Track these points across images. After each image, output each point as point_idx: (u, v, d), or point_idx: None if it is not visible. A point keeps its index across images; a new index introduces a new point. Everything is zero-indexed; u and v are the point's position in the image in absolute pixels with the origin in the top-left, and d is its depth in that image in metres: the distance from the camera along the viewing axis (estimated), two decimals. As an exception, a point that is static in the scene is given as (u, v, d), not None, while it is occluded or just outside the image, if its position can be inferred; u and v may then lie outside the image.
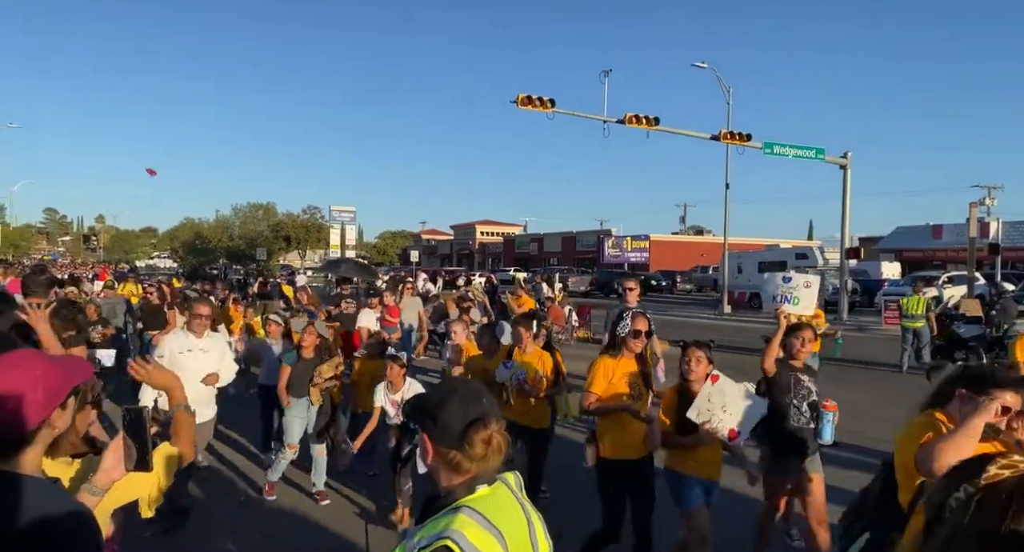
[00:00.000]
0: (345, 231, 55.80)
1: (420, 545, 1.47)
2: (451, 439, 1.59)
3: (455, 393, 1.67)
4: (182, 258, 60.54)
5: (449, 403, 1.62)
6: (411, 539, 1.52)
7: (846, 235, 23.36)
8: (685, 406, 3.93)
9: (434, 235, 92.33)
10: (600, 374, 4.16)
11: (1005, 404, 2.27)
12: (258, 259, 49.15)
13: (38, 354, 1.66)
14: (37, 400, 1.49)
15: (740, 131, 21.34)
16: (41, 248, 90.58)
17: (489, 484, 1.61)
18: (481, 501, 1.56)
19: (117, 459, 1.84)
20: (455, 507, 1.54)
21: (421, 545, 1.47)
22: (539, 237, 68.50)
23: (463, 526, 1.47)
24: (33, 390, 1.49)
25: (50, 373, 1.55)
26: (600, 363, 4.22)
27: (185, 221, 66.08)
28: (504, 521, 1.55)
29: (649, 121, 20.04)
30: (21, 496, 1.45)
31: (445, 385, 1.79)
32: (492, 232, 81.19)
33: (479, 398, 1.67)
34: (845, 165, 22.59)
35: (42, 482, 1.54)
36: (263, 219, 56.55)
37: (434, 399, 1.66)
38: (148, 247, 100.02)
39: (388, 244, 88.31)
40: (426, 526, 1.53)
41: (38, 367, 1.55)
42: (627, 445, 4.03)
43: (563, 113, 19.52)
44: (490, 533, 1.50)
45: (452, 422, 1.60)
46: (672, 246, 54.55)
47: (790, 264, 27.78)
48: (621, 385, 4.10)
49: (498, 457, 1.63)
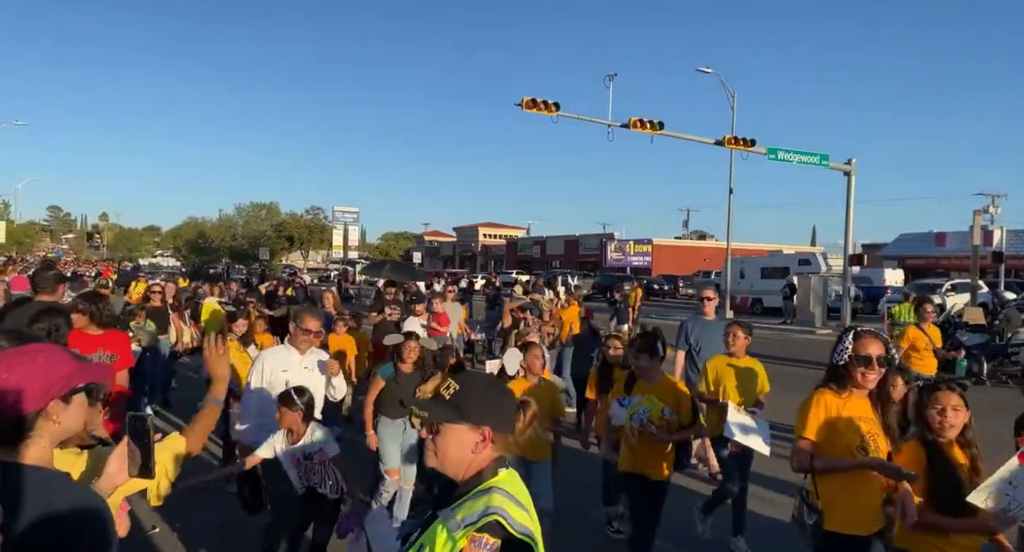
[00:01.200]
0: (348, 232, 56.00)
1: (467, 522, 1.56)
2: (508, 424, 1.74)
3: (493, 383, 1.88)
4: (185, 257, 60.72)
5: (499, 393, 1.80)
6: (451, 519, 1.59)
7: (849, 241, 23.35)
8: (940, 473, 2.89)
9: (437, 237, 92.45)
10: (817, 415, 3.05)
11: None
12: (261, 259, 49.27)
13: (46, 349, 1.69)
14: (32, 390, 1.52)
15: (744, 136, 21.37)
16: (45, 245, 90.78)
17: (506, 468, 1.74)
18: (506, 482, 1.69)
19: (122, 464, 1.87)
20: (486, 488, 1.65)
21: (468, 522, 1.56)
22: (542, 240, 68.54)
23: (503, 504, 1.59)
24: (30, 381, 1.53)
25: (52, 367, 1.58)
26: (818, 399, 3.09)
27: (188, 220, 66.38)
28: (524, 498, 1.70)
29: (653, 125, 20.07)
30: (29, 486, 1.47)
31: (473, 378, 1.87)
32: (495, 234, 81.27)
33: (504, 386, 1.90)
34: (849, 172, 22.60)
35: (51, 473, 1.57)
36: (266, 219, 56.75)
37: (494, 394, 1.79)
38: (151, 245, 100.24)
39: (391, 245, 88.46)
40: (463, 506, 1.62)
41: (40, 360, 1.59)
42: (862, 517, 3.02)
43: (567, 117, 19.58)
44: (522, 509, 1.63)
45: (512, 409, 1.77)
46: (675, 250, 54.54)
47: (793, 270, 27.78)
48: (849, 434, 3.01)
49: (533, 432, 1.83)
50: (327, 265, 52.89)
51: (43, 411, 1.55)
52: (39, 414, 1.54)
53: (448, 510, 1.63)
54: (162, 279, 15.01)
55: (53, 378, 1.57)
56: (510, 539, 1.54)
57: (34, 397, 1.53)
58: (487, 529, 1.53)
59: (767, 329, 21.33)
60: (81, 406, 1.65)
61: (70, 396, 1.60)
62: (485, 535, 1.52)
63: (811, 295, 23.42)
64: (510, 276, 44.24)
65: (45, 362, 1.59)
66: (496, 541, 1.52)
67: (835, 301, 24.19)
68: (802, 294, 23.86)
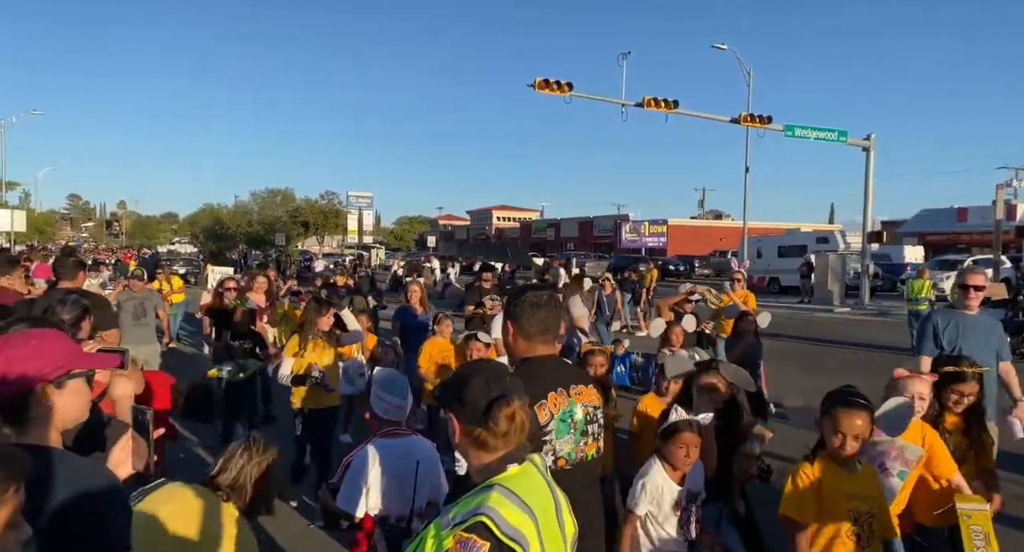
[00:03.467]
0: (362, 216, 56.11)
1: (455, 521, 1.49)
2: (476, 417, 1.62)
3: (480, 372, 1.70)
4: (202, 244, 61.20)
5: (473, 381, 1.66)
6: (444, 516, 1.55)
7: (868, 218, 23.03)
8: None
9: (451, 220, 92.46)
10: None
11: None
12: (277, 244, 49.60)
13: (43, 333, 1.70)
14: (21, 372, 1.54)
15: (760, 114, 21.08)
16: (65, 234, 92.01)
17: (519, 463, 1.65)
18: (512, 479, 1.60)
19: (125, 456, 1.87)
20: (488, 485, 1.58)
21: (456, 521, 1.49)
22: (556, 222, 68.31)
23: (497, 503, 1.50)
24: (20, 363, 1.55)
25: (44, 351, 1.59)
26: None
27: (205, 207, 66.83)
28: (534, 499, 1.59)
29: (668, 104, 19.82)
30: (51, 467, 1.49)
31: (470, 365, 1.82)
32: (509, 217, 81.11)
33: (503, 376, 1.71)
34: (868, 147, 22.22)
35: (69, 455, 1.59)
36: (281, 204, 56.95)
37: (459, 379, 1.70)
38: (169, 233, 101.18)
39: (405, 229, 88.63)
40: (459, 503, 1.56)
41: (33, 343, 1.60)
42: None
43: (581, 97, 19.38)
44: (522, 511, 1.53)
45: (477, 400, 1.63)
46: (690, 230, 54.11)
47: (811, 248, 27.47)
48: None
49: (522, 434, 1.66)
50: (342, 250, 53.06)
51: (34, 393, 1.55)
52: (30, 395, 1.55)
53: (447, 506, 1.60)
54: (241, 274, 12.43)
55: (43, 361, 1.57)
56: (498, 543, 1.44)
57: (22, 379, 1.54)
58: (474, 530, 1.44)
59: (784, 308, 21.17)
60: (78, 392, 1.65)
61: (63, 381, 1.60)
62: (473, 536, 1.43)
63: (829, 273, 23.19)
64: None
65: (37, 345, 1.60)
66: (485, 544, 1.42)
67: (854, 279, 23.92)
68: (820, 272, 23.62)
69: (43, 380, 1.57)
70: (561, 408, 2.28)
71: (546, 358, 2.39)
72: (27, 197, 71.59)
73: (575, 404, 2.31)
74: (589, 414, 2.35)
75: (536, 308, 2.38)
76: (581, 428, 2.32)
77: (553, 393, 2.28)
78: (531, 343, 2.38)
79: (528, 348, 2.39)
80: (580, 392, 2.35)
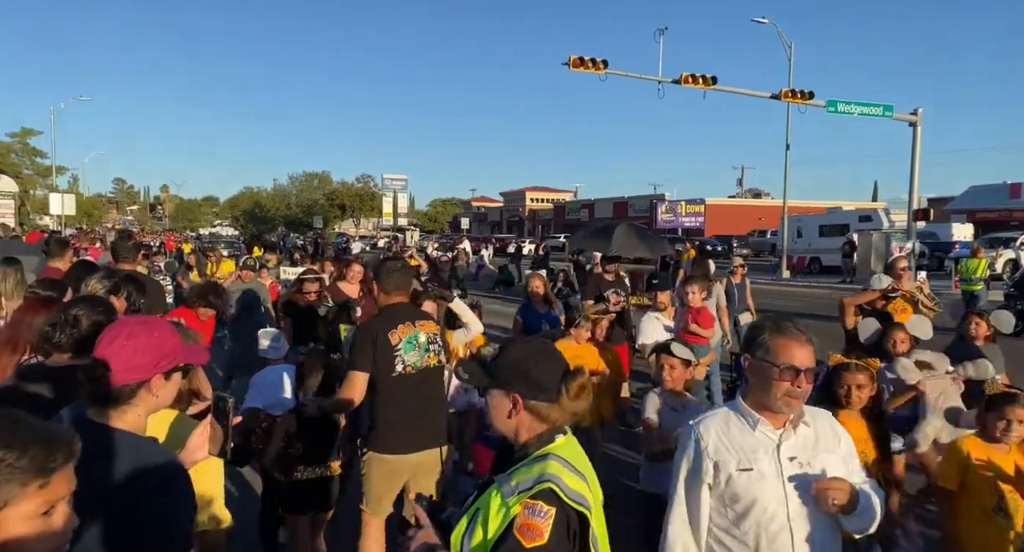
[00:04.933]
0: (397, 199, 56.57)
1: (520, 489, 1.55)
2: (545, 392, 1.66)
3: (538, 350, 1.76)
4: (243, 226, 62.49)
5: (534, 359, 1.71)
6: (505, 485, 1.59)
7: (914, 196, 22.30)
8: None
9: (484, 202, 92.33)
10: None
11: None
12: (315, 227, 50.37)
13: (160, 324, 1.77)
14: (143, 361, 1.60)
15: (802, 89, 20.47)
16: (112, 217, 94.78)
17: (564, 434, 1.71)
18: (563, 448, 1.67)
19: (203, 441, 1.94)
20: (542, 455, 1.63)
21: (521, 489, 1.55)
22: (590, 203, 67.68)
23: (558, 471, 1.57)
24: (144, 352, 1.61)
25: (164, 342, 1.66)
26: None
27: (244, 190, 68.21)
28: (583, 466, 1.67)
29: (706, 80, 19.38)
30: (122, 448, 1.57)
31: (520, 344, 1.85)
32: (542, 198, 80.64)
33: (555, 352, 1.79)
34: (915, 122, 21.44)
35: (142, 438, 1.66)
36: (318, 188, 57.76)
37: (517, 358, 1.73)
38: (210, 215, 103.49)
39: (439, 211, 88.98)
40: (517, 472, 1.61)
41: (156, 334, 1.66)
42: None
43: (616, 74, 19.06)
44: (578, 476, 1.60)
45: (547, 376, 1.68)
46: (728, 210, 53.16)
47: (853, 227, 26.78)
48: None
49: (587, 402, 1.73)
50: (377, 233, 53.64)
51: (147, 383, 1.62)
52: (143, 384, 1.62)
53: (504, 475, 1.64)
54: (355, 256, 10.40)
55: (162, 353, 1.64)
56: (564, 507, 1.53)
57: (143, 368, 1.61)
58: (541, 497, 1.52)
59: (825, 288, 20.76)
60: (176, 383, 1.74)
61: (171, 373, 1.68)
62: (539, 502, 1.51)
63: (872, 253, 22.57)
64: (558, 240, 44.05)
65: (159, 337, 1.66)
66: (551, 509, 1.51)
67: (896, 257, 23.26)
68: (862, 252, 23.02)
69: (160, 371, 1.64)
70: (408, 334, 3.42)
71: (399, 304, 3.54)
72: (75, 181, 73.94)
73: (419, 332, 3.46)
74: (430, 338, 3.51)
75: (392, 272, 3.55)
76: (424, 347, 3.46)
77: (402, 325, 3.42)
78: (389, 295, 3.52)
79: (387, 299, 3.52)
80: (423, 325, 3.52)
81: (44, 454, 1.14)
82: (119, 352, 1.59)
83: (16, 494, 1.11)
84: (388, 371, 3.32)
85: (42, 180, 49.17)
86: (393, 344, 3.33)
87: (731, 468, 2.03)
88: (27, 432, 1.15)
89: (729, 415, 2.14)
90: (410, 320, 3.45)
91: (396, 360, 3.32)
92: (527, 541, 1.48)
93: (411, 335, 3.40)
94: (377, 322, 3.45)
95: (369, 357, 3.27)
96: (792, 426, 2.04)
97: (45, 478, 1.13)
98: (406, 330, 3.40)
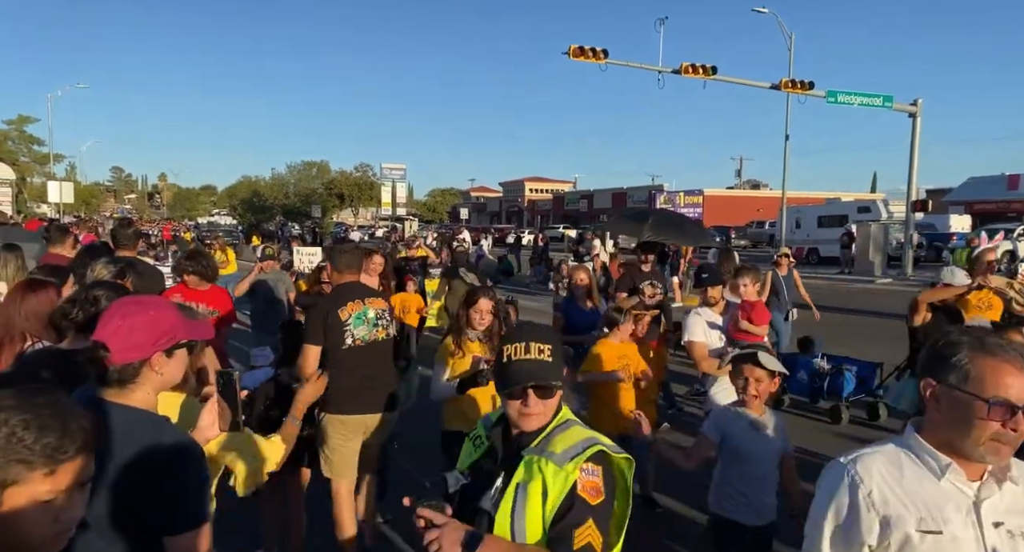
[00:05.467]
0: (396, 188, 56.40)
1: (573, 454, 1.63)
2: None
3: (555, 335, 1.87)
4: (241, 215, 62.31)
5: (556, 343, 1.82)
6: (550, 455, 1.64)
7: (913, 187, 22.31)
8: None
9: (483, 192, 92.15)
10: None
11: None
12: (313, 216, 50.23)
13: (157, 302, 1.79)
14: (141, 340, 1.62)
15: (802, 79, 20.42)
16: (110, 206, 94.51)
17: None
18: (568, 414, 1.79)
19: (213, 419, 1.98)
20: (562, 422, 1.74)
21: (574, 453, 1.63)
22: (589, 193, 67.58)
23: (591, 433, 1.71)
24: (141, 331, 1.62)
25: (161, 320, 1.67)
26: None
27: (243, 179, 67.80)
28: None
29: (706, 70, 19.33)
30: (132, 426, 1.59)
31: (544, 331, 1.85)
32: (541, 189, 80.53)
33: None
34: (915, 113, 21.41)
35: (153, 415, 1.68)
36: (317, 177, 57.53)
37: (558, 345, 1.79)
38: (208, 204, 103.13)
39: (438, 201, 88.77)
40: (554, 441, 1.67)
41: (152, 313, 1.68)
42: None
43: (616, 64, 18.99)
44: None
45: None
46: (727, 201, 53.10)
47: (851, 218, 26.80)
48: None
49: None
50: (376, 222, 53.51)
51: (148, 361, 1.64)
52: (144, 363, 1.64)
53: (538, 448, 1.67)
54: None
55: (160, 331, 1.65)
56: (610, 462, 1.66)
57: (142, 347, 1.63)
58: (595, 459, 1.63)
59: (823, 279, 20.79)
60: (182, 360, 1.74)
61: (173, 350, 1.69)
62: (591, 463, 1.63)
63: (871, 244, 22.63)
64: (557, 231, 43.99)
65: (156, 315, 1.68)
66: (599, 468, 1.63)
67: (896, 249, 23.32)
68: (861, 242, 23.06)
69: (159, 349, 1.66)
70: (357, 310, 3.72)
71: (349, 283, 3.85)
72: (73, 169, 73.68)
73: (368, 308, 3.77)
74: (379, 313, 3.81)
75: (343, 253, 3.94)
76: (373, 322, 3.76)
77: (351, 302, 3.72)
78: (341, 275, 3.87)
79: (340, 278, 3.87)
80: (372, 302, 3.81)
81: (58, 443, 1.14)
82: (116, 332, 1.61)
83: (23, 476, 1.12)
84: (339, 344, 3.65)
85: (39, 168, 49.00)
86: (343, 320, 3.66)
87: (908, 527, 1.51)
88: (51, 417, 1.16)
89: (900, 455, 1.61)
90: (359, 298, 3.76)
91: (346, 334, 3.65)
92: (592, 499, 1.59)
93: (360, 311, 3.73)
94: (329, 300, 3.79)
95: (320, 332, 3.60)
96: (996, 480, 1.52)
97: (53, 466, 1.14)
98: (355, 307, 3.72)
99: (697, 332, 4.50)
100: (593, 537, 1.58)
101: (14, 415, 1.13)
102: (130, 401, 1.64)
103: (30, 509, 1.13)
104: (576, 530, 1.57)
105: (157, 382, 1.68)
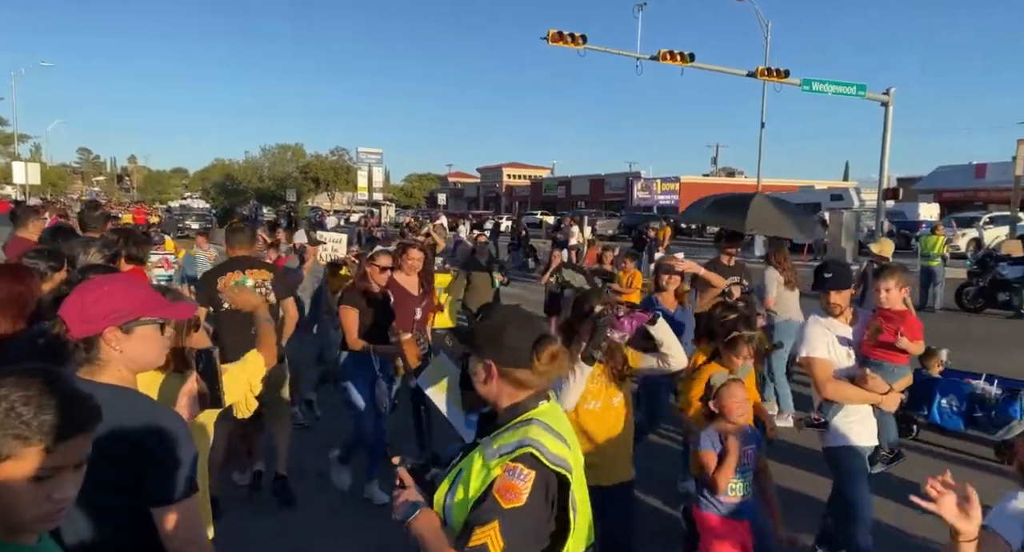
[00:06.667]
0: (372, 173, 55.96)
1: (501, 452, 1.61)
2: (518, 359, 1.70)
3: (514, 317, 1.80)
4: (214, 199, 61.36)
5: (511, 326, 1.75)
6: (488, 448, 1.65)
7: (885, 175, 22.69)
8: None
9: (461, 178, 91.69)
10: None
11: None
12: (288, 200, 49.65)
13: (114, 279, 1.77)
14: (90, 315, 1.62)
15: (778, 68, 20.58)
16: (77, 188, 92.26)
17: (547, 400, 1.77)
18: (545, 414, 1.73)
19: (190, 400, 1.98)
20: (525, 420, 1.69)
21: (503, 452, 1.61)
22: (566, 180, 67.66)
23: (539, 435, 1.63)
24: (92, 306, 1.63)
25: (113, 297, 1.66)
26: None
27: (215, 162, 66.83)
28: (564, 430, 1.73)
29: (684, 57, 19.38)
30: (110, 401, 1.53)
31: (499, 311, 1.89)
32: (519, 175, 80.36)
33: (533, 320, 1.82)
34: (887, 102, 21.74)
35: (129, 392, 1.68)
36: (291, 160, 56.82)
37: (493, 326, 1.78)
38: (180, 187, 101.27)
39: (415, 186, 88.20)
40: (500, 437, 1.67)
41: (106, 288, 1.68)
42: None
43: (595, 49, 18.97)
44: (560, 441, 1.67)
45: (518, 343, 1.72)
46: (703, 188, 53.37)
47: (824, 206, 27.25)
48: None
49: (560, 371, 1.78)
50: (351, 207, 53.03)
51: (101, 336, 1.63)
52: (98, 338, 1.63)
53: (488, 439, 1.69)
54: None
55: (111, 307, 1.64)
56: (544, 471, 1.58)
57: (92, 321, 1.62)
58: (521, 460, 1.57)
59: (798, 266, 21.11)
60: (147, 338, 1.70)
61: (131, 327, 1.66)
62: (520, 465, 1.56)
63: (843, 231, 23.04)
64: (534, 217, 44.03)
65: (110, 290, 1.67)
66: (531, 472, 1.56)
67: (867, 237, 23.77)
68: (833, 230, 23.47)
69: (110, 324, 1.64)
70: (236, 279, 4.28)
71: (237, 256, 4.50)
72: (38, 150, 71.80)
73: (246, 277, 4.34)
74: (258, 283, 4.36)
75: (235, 232, 4.57)
76: (251, 290, 4.00)
77: (231, 272, 4.35)
78: (233, 249, 4.52)
79: (232, 252, 4.54)
80: (252, 272, 4.41)
81: (55, 421, 1.14)
82: (71, 307, 1.63)
83: (17, 451, 1.12)
84: (219, 308, 4.29)
85: (3, 148, 47.63)
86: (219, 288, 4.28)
87: None
88: (53, 394, 1.15)
89: None
90: (240, 268, 4.39)
91: (224, 299, 4.18)
92: (505, 502, 1.53)
93: (238, 280, 4.29)
94: (215, 270, 4.53)
95: (205, 297, 4.27)
96: None
97: (50, 444, 1.13)
98: (234, 276, 4.33)
99: (819, 346, 3.53)
100: (492, 540, 1.51)
101: (14, 391, 1.13)
102: (101, 378, 1.64)
103: (23, 485, 1.13)
104: (478, 528, 1.53)
105: (120, 360, 1.66)
